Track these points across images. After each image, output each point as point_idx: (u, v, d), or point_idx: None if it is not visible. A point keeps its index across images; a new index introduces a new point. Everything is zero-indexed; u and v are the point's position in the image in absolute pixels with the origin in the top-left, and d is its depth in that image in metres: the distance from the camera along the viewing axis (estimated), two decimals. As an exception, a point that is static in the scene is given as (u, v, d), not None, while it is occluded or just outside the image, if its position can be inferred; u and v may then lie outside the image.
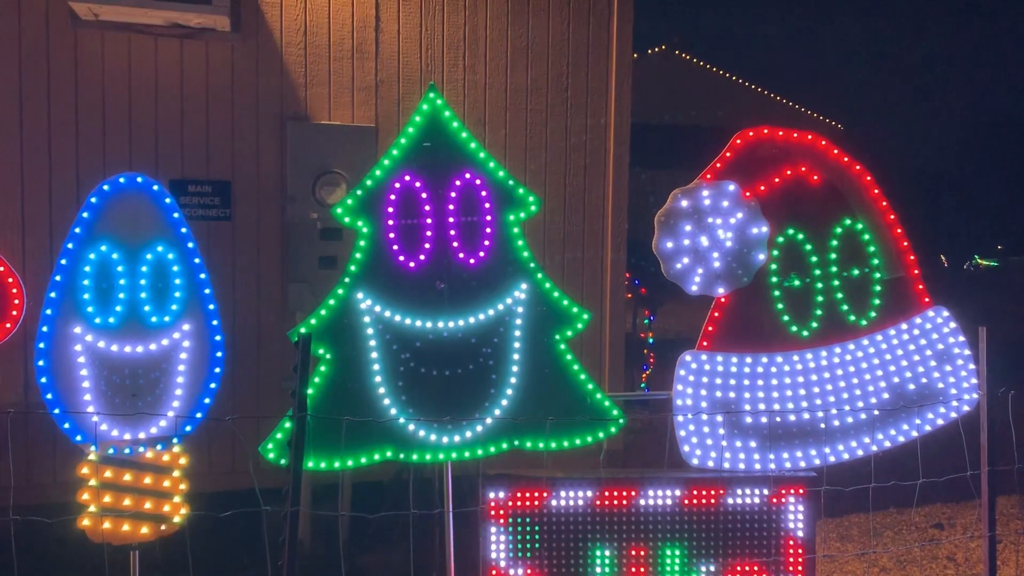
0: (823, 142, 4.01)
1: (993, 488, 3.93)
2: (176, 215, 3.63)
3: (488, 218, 3.80)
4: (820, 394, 3.98)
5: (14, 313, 3.51)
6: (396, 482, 5.04)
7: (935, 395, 4.04)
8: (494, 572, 3.81)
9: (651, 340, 9.29)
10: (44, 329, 3.46)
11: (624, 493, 3.88)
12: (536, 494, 3.85)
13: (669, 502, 3.88)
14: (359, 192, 3.73)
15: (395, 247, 3.75)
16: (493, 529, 3.82)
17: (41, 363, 3.45)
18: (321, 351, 3.65)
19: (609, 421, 3.84)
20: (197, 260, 3.64)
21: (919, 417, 4.01)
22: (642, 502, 3.88)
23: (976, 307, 5.63)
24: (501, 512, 3.84)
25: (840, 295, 4.02)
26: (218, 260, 5.05)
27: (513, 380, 3.81)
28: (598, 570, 3.86)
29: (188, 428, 3.60)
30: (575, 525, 3.86)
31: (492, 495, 3.82)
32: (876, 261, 4.03)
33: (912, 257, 4.05)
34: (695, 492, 3.89)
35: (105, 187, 3.55)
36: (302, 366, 2.84)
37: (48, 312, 3.47)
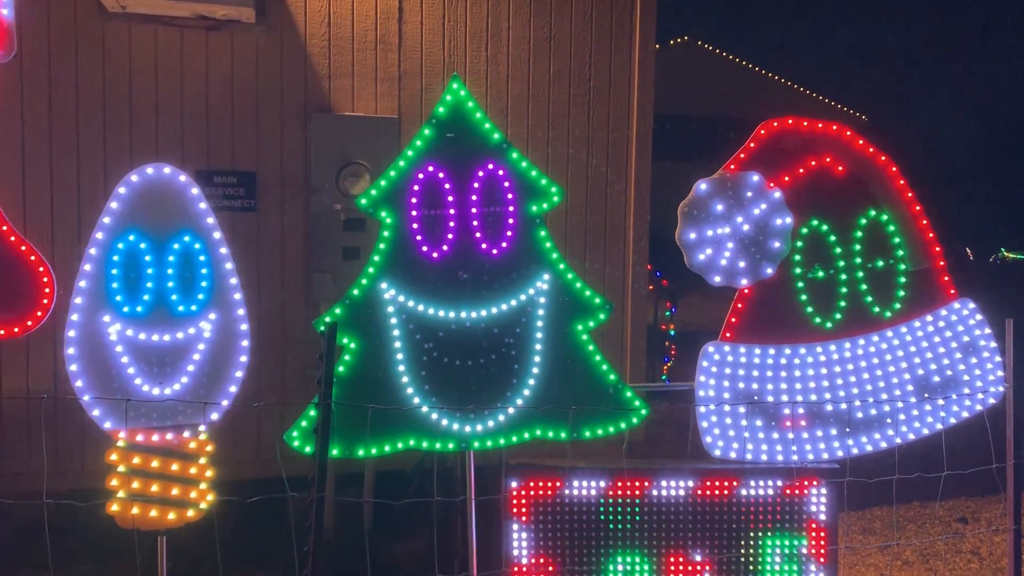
0: (848, 132, 3.99)
1: (1018, 481, 3.90)
2: (203, 205, 3.66)
3: (511, 209, 3.81)
4: (844, 386, 3.96)
5: (45, 302, 3.55)
6: (418, 471, 5.07)
7: (960, 387, 4.01)
8: (515, 566, 3.84)
9: (672, 332, 9.27)
10: (74, 318, 3.51)
11: (643, 483, 3.89)
12: (558, 484, 3.87)
13: (687, 493, 3.88)
14: (383, 183, 3.75)
15: (418, 238, 3.77)
16: (514, 517, 3.84)
17: (71, 351, 3.51)
18: (345, 340, 3.69)
19: (631, 412, 3.84)
20: (223, 250, 3.68)
21: (944, 409, 3.99)
22: (663, 492, 3.89)
23: (1002, 300, 5.56)
24: (523, 501, 3.86)
25: (864, 287, 3.99)
26: (243, 250, 5.09)
27: (535, 370, 3.83)
28: (618, 559, 3.87)
29: (214, 416, 3.65)
30: (596, 514, 3.88)
31: (514, 484, 3.85)
32: (901, 253, 4.01)
33: (938, 249, 4.03)
34: (715, 483, 3.90)
35: (133, 177, 3.59)
36: (328, 354, 2.87)
37: (78, 301, 3.52)
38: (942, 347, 4.02)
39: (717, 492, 3.89)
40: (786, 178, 3.91)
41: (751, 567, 3.90)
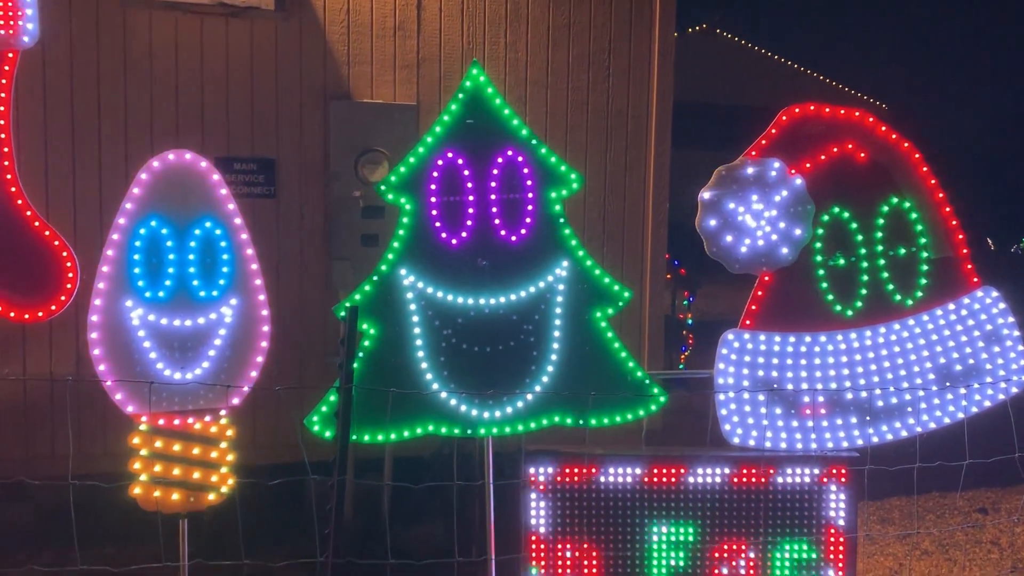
0: (871, 119, 3.95)
1: (1041, 471, 3.87)
2: (224, 191, 3.68)
3: (530, 195, 3.80)
4: (864, 374, 3.94)
5: (68, 286, 3.59)
6: (437, 457, 5.09)
7: (983, 376, 3.98)
8: (534, 541, 3.85)
9: (690, 321, 9.25)
10: (97, 303, 3.54)
11: (669, 470, 3.88)
12: (577, 470, 3.87)
13: (715, 480, 3.88)
14: (402, 169, 3.75)
15: (437, 224, 3.77)
16: (533, 504, 3.85)
17: (94, 335, 3.54)
18: (365, 326, 3.70)
19: (650, 399, 3.84)
20: (244, 236, 3.70)
21: (966, 398, 3.96)
22: (690, 480, 3.88)
23: (1024, 290, 5.51)
24: (541, 487, 3.87)
25: (886, 274, 3.96)
26: (262, 237, 5.11)
27: (554, 357, 3.83)
28: (639, 547, 3.88)
29: (235, 400, 3.68)
30: (616, 501, 3.88)
31: (532, 470, 3.85)
32: (924, 240, 3.97)
33: (961, 236, 3.99)
34: (739, 471, 3.88)
35: (155, 163, 3.61)
36: (349, 339, 2.88)
37: (100, 286, 3.55)
38: (965, 336, 3.99)
39: (746, 479, 3.87)
40: (807, 165, 3.88)
41: (774, 557, 3.90)
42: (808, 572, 3.90)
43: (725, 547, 3.89)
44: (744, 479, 3.88)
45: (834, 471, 3.89)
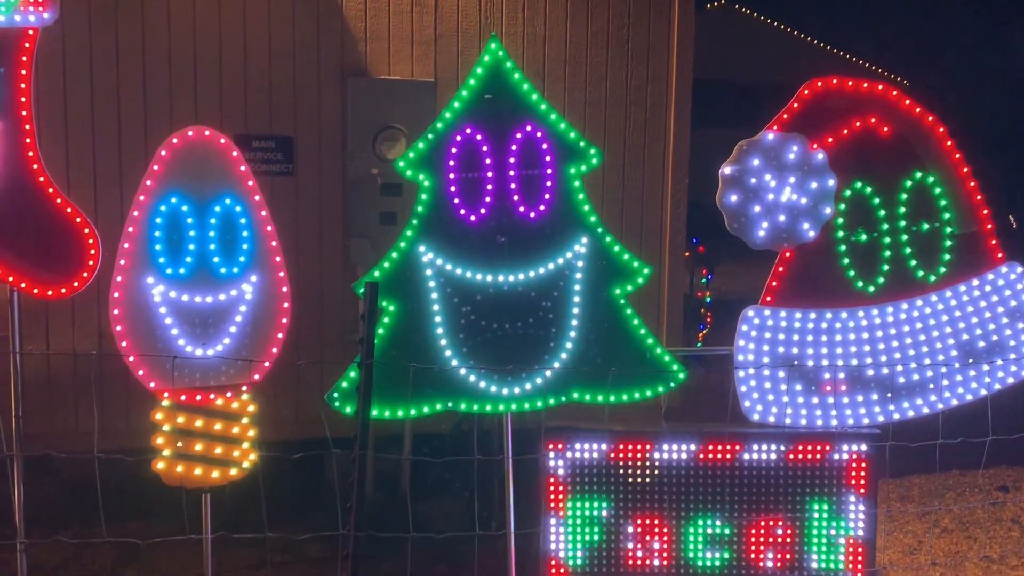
0: (894, 92, 3.90)
1: (1064, 449, 3.84)
2: (243, 168, 3.69)
3: (549, 171, 3.78)
4: (886, 350, 3.91)
5: (91, 263, 3.61)
6: (456, 433, 5.11)
7: (1006, 352, 3.94)
8: (552, 507, 3.87)
9: (708, 299, 9.20)
10: (118, 279, 3.57)
11: (735, 447, 3.86)
12: (595, 447, 3.88)
13: (733, 456, 3.88)
14: (421, 145, 3.74)
15: (456, 200, 3.76)
16: (552, 476, 3.87)
17: (116, 312, 3.56)
18: (384, 303, 3.70)
19: (670, 375, 3.83)
20: (264, 213, 3.71)
21: (989, 375, 3.93)
22: (709, 456, 3.88)
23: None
24: (560, 462, 3.88)
25: (908, 250, 3.92)
26: (281, 215, 5.12)
27: (573, 334, 3.82)
28: (659, 520, 3.89)
29: (256, 376, 3.70)
30: (634, 477, 3.89)
31: (551, 446, 3.86)
32: (948, 215, 3.93)
33: (986, 211, 3.94)
34: (758, 446, 3.88)
35: (174, 140, 3.62)
36: (370, 314, 2.89)
37: (122, 263, 3.57)
38: (988, 312, 3.95)
39: (767, 455, 3.86)
40: (830, 139, 3.84)
41: (794, 532, 3.90)
42: (827, 548, 3.89)
43: (748, 521, 3.89)
44: (766, 455, 3.88)
45: (855, 447, 3.88)
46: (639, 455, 3.88)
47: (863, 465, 3.88)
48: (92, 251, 3.62)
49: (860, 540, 3.89)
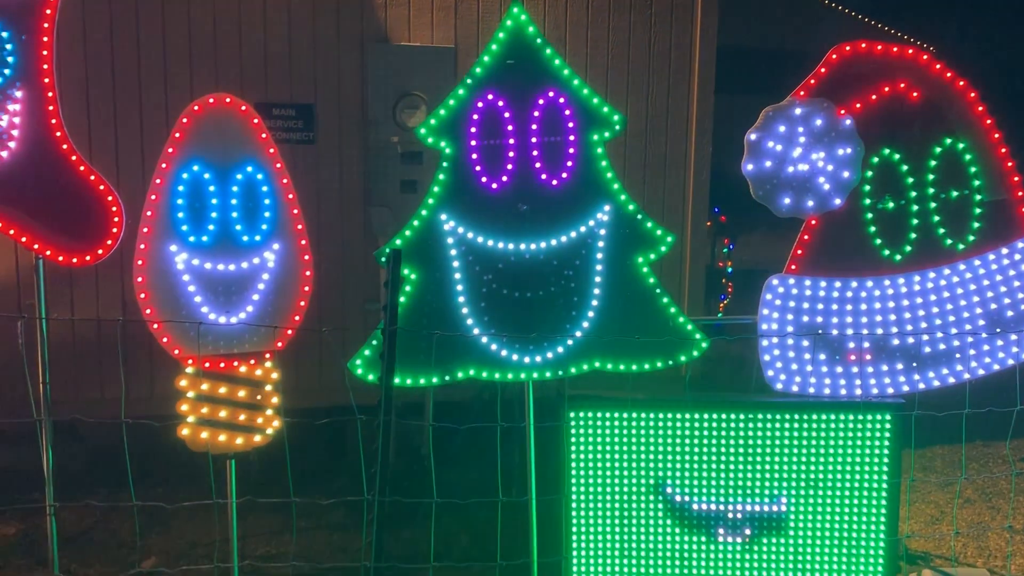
0: (925, 57, 3.82)
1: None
2: (264, 136, 3.67)
3: (571, 138, 3.74)
4: (912, 320, 3.87)
5: (115, 231, 3.63)
6: (477, 402, 5.13)
7: (1035, 322, 3.89)
8: (574, 478, 3.88)
9: (730, 269, 9.14)
10: (142, 247, 3.58)
11: (710, 416, 3.86)
12: (618, 415, 3.87)
13: (756, 425, 3.86)
14: (442, 112, 3.71)
15: (477, 168, 3.73)
16: (574, 444, 3.87)
17: (140, 279, 3.58)
18: (406, 271, 3.70)
19: (693, 344, 3.81)
20: (286, 181, 3.70)
21: (1016, 344, 3.88)
22: (729, 426, 3.87)
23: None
24: (583, 430, 3.88)
25: (937, 218, 3.86)
26: (302, 183, 5.12)
27: (595, 303, 3.80)
28: (680, 488, 3.89)
29: (279, 344, 3.71)
30: (657, 447, 3.88)
31: (574, 415, 3.86)
32: (977, 182, 3.86)
33: (1017, 178, 3.87)
34: (778, 415, 3.86)
35: (195, 108, 3.60)
36: (393, 281, 2.88)
37: (145, 231, 3.58)
38: (1017, 281, 3.89)
39: (788, 424, 3.85)
40: (857, 105, 3.77)
41: (817, 504, 3.89)
42: (851, 518, 3.88)
43: (769, 492, 3.88)
44: (789, 424, 3.86)
45: (879, 417, 3.85)
46: (663, 423, 3.87)
47: (886, 433, 3.85)
48: (116, 219, 3.62)
49: (882, 511, 3.87)
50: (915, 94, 3.81)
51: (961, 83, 3.83)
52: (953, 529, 4.83)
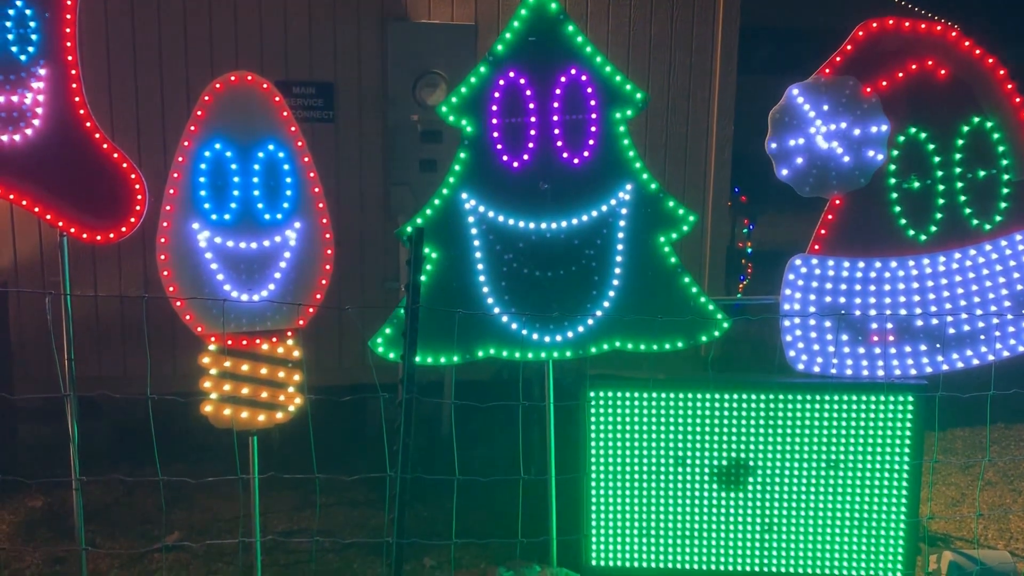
0: (953, 34, 3.76)
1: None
2: (285, 114, 3.67)
3: (593, 116, 3.72)
4: (936, 301, 3.84)
5: (138, 208, 3.64)
6: (497, 382, 5.13)
7: (1062, 304, 3.85)
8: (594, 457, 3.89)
9: (750, 250, 9.08)
10: (164, 225, 3.60)
11: (731, 397, 3.86)
12: (639, 395, 3.87)
13: (777, 405, 3.85)
14: (463, 89, 3.69)
15: (499, 146, 3.72)
16: (594, 422, 3.88)
17: (163, 257, 3.60)
18: (427, 250, 3.70)
19: (714, 324, 3.79)
20: (307, 159, 3.70)
21: (1043, 326, 3.84)
22: (751, 405, 3.86)
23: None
24: (603, 410, 3.88)
25: (963, 198, 3.82)
26: (322, 162, 5.12)
27: (616, 282, 3.79)
28: (698, 466, 3.89)
29: (301, 322, 3.73)
30: (677, 427, 3.88)
31: (593, 394, 3.86)
32: (1006, 162, 3.80)
33: (1046, 158, 3.81)
34: (800, 396, 3.85)
35: (217, 85, 3.60)
36: (415, 259, 2.88)
37: (168, 208, 3.59)
38: (1044, 262, 3.85)
39: (809, 404, 3.83)
40: (884, 83, 3.72)
41: (839, 483, 3.88)
42: (872, 499, 3.87)
43: (790, 471, 3.87)
44: (810, 405, 3.84)
45: (901, 399, 3.83)
46: (683, 403, 3.87)
47: (909, 415, 3.83)
48: (139, 196, 3.64)
49: (903, 492, 3.86)
50: (943, 71, 3.76)
51: (991, 60, 3.77)
52: (975, 511, 4.81)
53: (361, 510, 4.72)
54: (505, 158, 3.72)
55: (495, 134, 3.70)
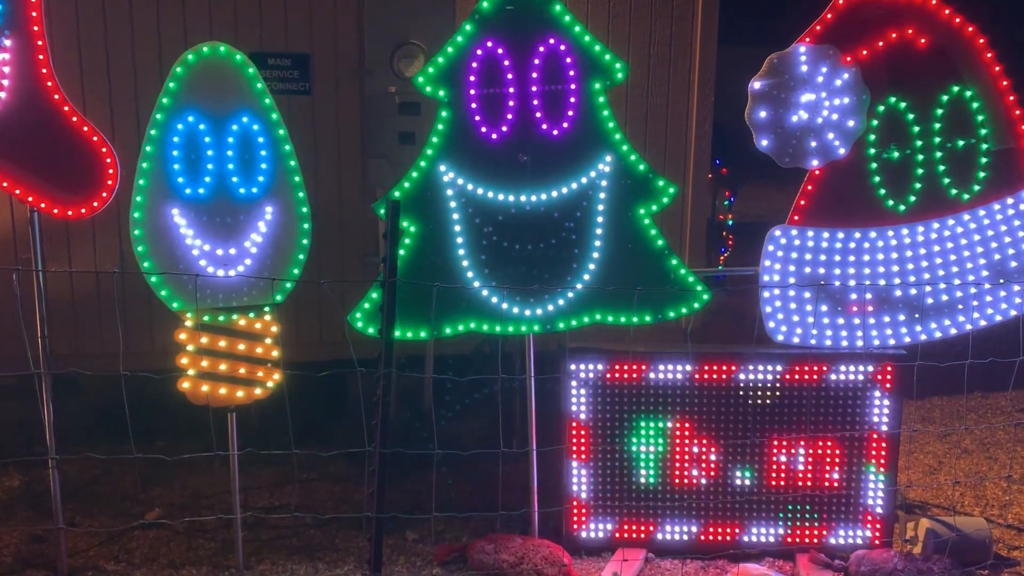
0: (933, 1, 3.73)
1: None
2: (259, 86, 3.61)
3: (573, 87, 3.68)
4: (915, 271, 3.85)
5: (109, 183, 3.57)
6: (478, 355, 5.12)
7: (1039, 273, 3.87)
8: (574, 426, 3.89)
9: (730, 222, 9.09)
10: (138, 199, 3.54)
11: (716, 367, 3.86)
12: (620, 367, 3.87)
13: (761, 377, 3.87)
14: (440, 59, 3.64)
15: (477, 118, 3.68)
16: (574, 395, 3.88)
17: (137, 232, 3.55)
18: (405, 224, 3.66)
19: (694, 296, 3.79)
20: (282, 132, 3.65)
21: (1020, 295, 3.86)
22: (742, 376, 3.87)
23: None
24: (583, 382, 3.88)
25: (942, 167, 3.82)
26: (298, 135, 5.05)
27: (596, 255, 3.77)
28: (683, 440, 3.91)
29: (278, 297, 3.69)
30: (659, 396, 3.89)
31: (574, 367, 3.86)
32: (985, 131, 3.80)
33: (1024, 127, 3.81)
34: (788, 367, 3.86)
35: (190, 56, 3.54)
36: (392, 232, 2.85)
37: (141, 182, 3.54)
38: (1022, 231, 3.86)
39: (794, 376, 3.85)
40: (864, 52, 3.70)
41: (815, 454, 3.91)
42: (849, 468, 3.90)
43: (769, 443, 3.90)
44: (791, 376, 3.86)
45: (880, 368, 3.85)
46: (668, 374, 3.88)
47: (887, 385, 3.85)
48: (110, 171, 3.57)
49: (881, 460, 3.89)
50: (923, 40, 3.74)
51: (970, 29, 3.76)
52: (952, 479, 4.86)
53: (343, 485, 4.71)
54: (483, 130, 3.68)
55: (473, 105, 3.66)
